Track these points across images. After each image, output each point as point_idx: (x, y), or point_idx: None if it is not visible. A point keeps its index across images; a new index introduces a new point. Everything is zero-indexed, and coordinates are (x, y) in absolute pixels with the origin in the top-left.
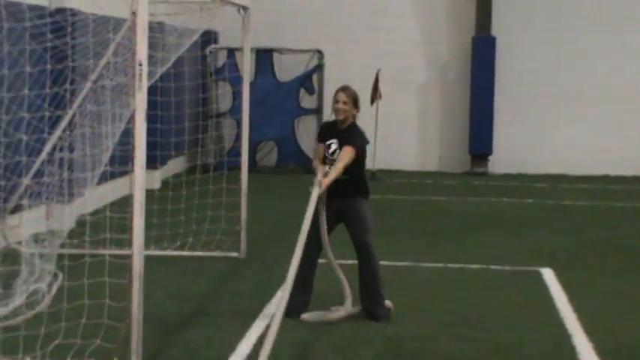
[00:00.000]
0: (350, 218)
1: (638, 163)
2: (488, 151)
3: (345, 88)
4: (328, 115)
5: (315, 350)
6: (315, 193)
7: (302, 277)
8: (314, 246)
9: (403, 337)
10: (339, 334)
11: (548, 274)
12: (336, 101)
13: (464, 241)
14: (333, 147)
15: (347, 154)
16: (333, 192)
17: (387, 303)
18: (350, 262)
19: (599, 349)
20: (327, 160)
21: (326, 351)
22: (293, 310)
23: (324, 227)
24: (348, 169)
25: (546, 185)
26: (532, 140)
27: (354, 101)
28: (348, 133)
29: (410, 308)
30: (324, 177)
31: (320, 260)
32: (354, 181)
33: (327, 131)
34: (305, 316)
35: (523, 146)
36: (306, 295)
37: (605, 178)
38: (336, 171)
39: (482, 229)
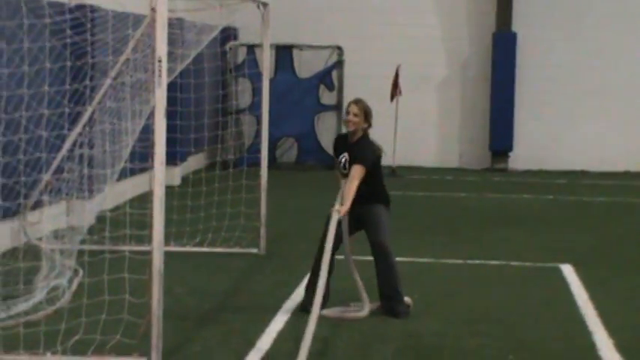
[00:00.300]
0: (368, 222)
1: None
2: (508, 147)
3: (357, 101)
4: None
5: (335, 346)
6: (334, 222)
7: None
8: (333, 244)
9: (423, 334)
10: (358, 329)
11: (569, 271)
12: (347, 113)
13: (484, 237)
14: (343, 160)
15: (357, 174)
16: (353, 201)
17: (407, 300)
18: (369, 258)
19: (619, 345)
20: (342, 174)
21: (345, 347)
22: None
23: (347, 243)
24: (363, 181)
25: (567, 181)
26: (552, 137)
27: (365, 114)
28: (358, 147)
29: (430, 305)
30: (341, 205)
31: (338, 257)
32: (372, 189)
33: (339, 144)
34: (325, 311)
35: (543, 143)
36: (326, 291)
37: (626, 175)
38: (349, 194)
39: (503, 225)
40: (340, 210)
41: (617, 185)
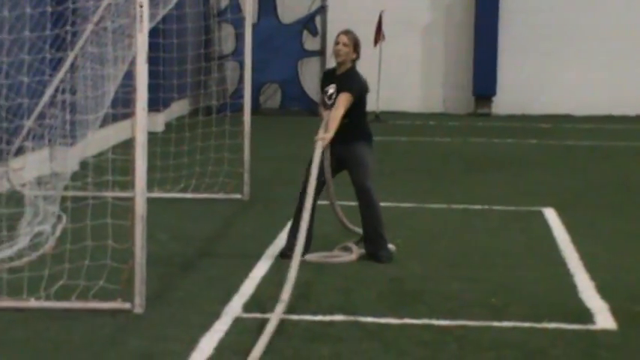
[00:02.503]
0: (351, 162)
1: None
2: (492, 92)
3: (346, 32)
4: (331, 57)
5: (318, 290)
6: (318, 152)
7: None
8: (316, 187)
9: (405, 278)
10: (341, 274)
11: (551, 214)
12: (336, 43)
13: (467, 182)
14: (330, 91)
15: (343, 102)
16: (334, 138)
17: (390, 246)
18: (353, 203)
19: (600, 287)
20: (327, 106)
21: (329, 291)
22: (291, 251)
23: (329, 177)
24: (347, 114)
25: (550, 126)
26: (536, 81)
27: (355, 45)
28: (346, 78)
29: (413, 249)
30: (325, 133)
31: (320, 203)
32: (354, 125)
33: (326, 78)
34: (308, 256)
35: (527, 87)
36: (308, 235)
37: (609, 118)
38: (334, 122)
39: (486, 170)
40: (325, 137)
41: (601, 129)
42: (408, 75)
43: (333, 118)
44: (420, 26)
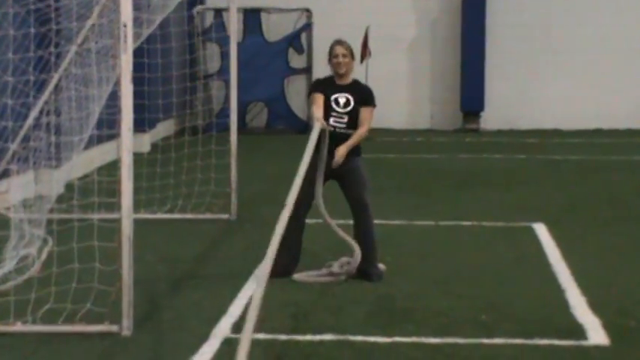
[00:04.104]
0: (348, 176)
1: (631, 115)
2: (479, 107)
3: (340, 42)
4: (318, 74)
5: (307, 309)
6: (317, 128)
7: (289, 235)
8: (303, 204)
9: (395, 296)
10: (331, 293)
11: (541, 229)
12: (335, 56)
13: (456, 198)
14: (342, 100)
15: (369, 118)
16: (330, 149)
17: (380, 265)
18: (340, 221)
19: (592, 303)
20: (336, 113)
21: (318, 310)
22: (281, 270)
23: (320, 180)
24: (353, 125)
25: (538, 140)
26: (524, 96)
27: (351, 53)
28: (359, 90)
29: (402, 267)
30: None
31: (309, 221)
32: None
33: (328, 86)
34: (296, 276)
35: (515, 102)
36: (294, 254)
37: (597, 132)
38: (358, 138)
39: (475, 186)
40: (341, 151)
41: (589, 143)
42: (394, 91)
43: (360, 135)
44: (406, 42)
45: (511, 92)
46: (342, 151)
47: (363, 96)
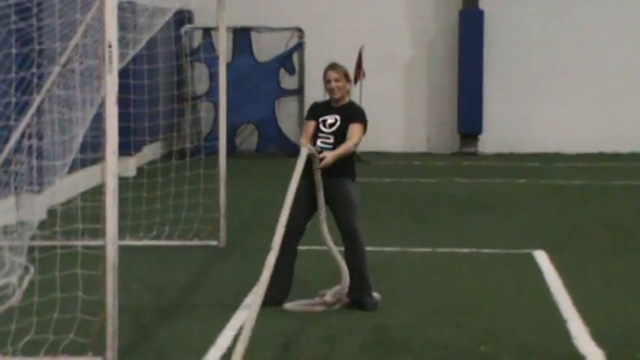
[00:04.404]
0: (337, 200)
1: (635, 139)
2: (478, 130)
3: (333, 66)
4: (310, 96)
5: (299, 340)
6: (304, 153)
7: (281, 263)
8: (294, 231)
9: (391, 326)
10: (324, 323)
11: (542, 257)
12: (327, 81)
13: (453, 224)
14: (331, 120)
15: (358, 133)
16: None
17: (375, 294)
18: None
19: (595, 333)
20: (322, 134)
21: (311, 341)
22: (272, 299)
23: (322, 202)
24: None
25: (539, 164)
26: (524, 118)
27: (346, 76)
28: (351, 109)
29: (398, 295)
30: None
31: (300, 247)
32: (345, 160)
33: (321, 109)
34: (288, 305)
35: (514, 124)
36: (286, 283)
37: (600, 156)
38: (346, 150)
39: (473, 211)
40: (326, 157)
41: (592, 167)
42: (389, 113)
43: (347, 147)
44: (402, 62)
45: (510, 114)
46: (329, 157)
47: (352, 114)
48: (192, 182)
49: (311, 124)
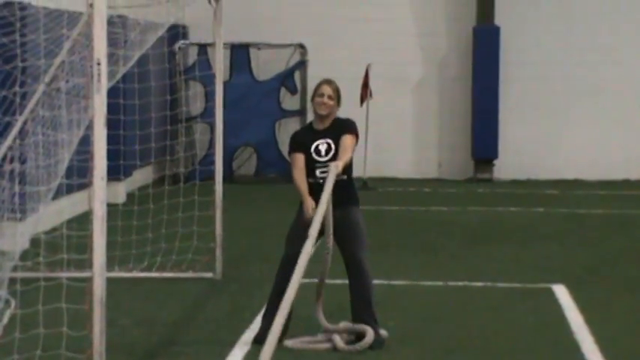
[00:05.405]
0: (344, 229)
1: None
2: (493, 155)
3: (329, 82)
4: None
5: None
6: (332, 177)
7: (280, 299)
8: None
9: None
10: None
11: (562, 292)
12: (320, 95)
13: (466, 256)
14: (323, 147)
15: (351, 144)
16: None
17: (382, 332)
18: (338, 281)
19: None
20: (319, 164)
21: None
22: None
23: (330, 230)
24: (344, 170)
25: (558, 192)
26: (542, 142)
27: (338, 96)
28: (340, 125)
29: (407, 333)
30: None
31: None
32: (349, 184)
33: (306, 137)
34: (288, 342)
35: (532, 149)
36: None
37: (625, 183)
38: (343, 162)
39: (488, 242)
40: (337, 165)
41: (616, 195)
42: (398, 136)
43: (345, 161)
44: (412, 82)
45: (528, 138)
46: (339, 164)
47: (343, 129)
48: (186, 209)
49: (300, 158)
